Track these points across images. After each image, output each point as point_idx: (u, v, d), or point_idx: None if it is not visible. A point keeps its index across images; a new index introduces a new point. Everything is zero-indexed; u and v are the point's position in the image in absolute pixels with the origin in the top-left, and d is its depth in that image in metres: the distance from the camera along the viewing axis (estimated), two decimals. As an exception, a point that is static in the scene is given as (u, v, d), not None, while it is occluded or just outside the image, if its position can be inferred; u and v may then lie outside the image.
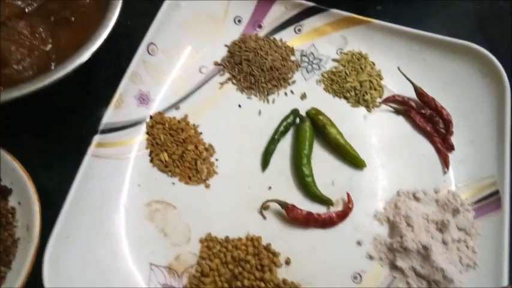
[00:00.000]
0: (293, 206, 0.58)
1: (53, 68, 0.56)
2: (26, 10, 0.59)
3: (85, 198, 0.54)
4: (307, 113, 0.66)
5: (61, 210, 0.51)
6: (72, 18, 0.59)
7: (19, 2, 0.59)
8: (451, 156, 0.65)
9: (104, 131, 0.57)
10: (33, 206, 0.51)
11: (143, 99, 0.63)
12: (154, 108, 0.64)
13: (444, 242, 0.58)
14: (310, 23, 0.72)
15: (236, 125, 0.65)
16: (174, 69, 0.67)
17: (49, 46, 0.57)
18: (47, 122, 0.63)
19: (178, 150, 0.61)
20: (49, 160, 0.59)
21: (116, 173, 0.58)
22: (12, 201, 0.54)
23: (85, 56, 0.53)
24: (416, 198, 0.62)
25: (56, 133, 0.62)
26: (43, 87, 0.50)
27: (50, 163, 0.59)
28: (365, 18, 0.70)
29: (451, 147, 0.66)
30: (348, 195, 0.60)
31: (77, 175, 0.53)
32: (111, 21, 0.56)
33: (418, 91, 0.68)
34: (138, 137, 0.62)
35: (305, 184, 0.60)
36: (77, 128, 0.61)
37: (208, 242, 0.56)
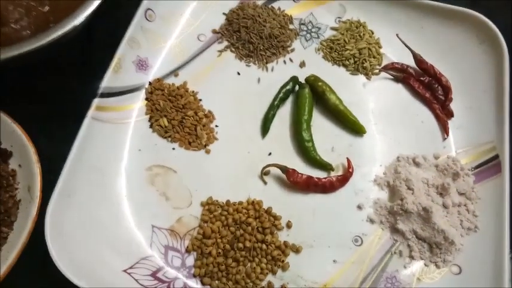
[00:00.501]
0: (293, 170, 0.58)
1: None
2: None
3: (86, 160, 0.53)
4: (307, 79, 0.65)
5: (62, 170, 0.50)
6: None
7: None
8: (450, 123, 0.65)
9: (103, 95, 0.57)
10: (33, 167, 0.51)
11: (141, 65, 0.63)
12: (152, 74, 0.63)
13: (445, 206, 0.58)
14: (309, -9, 0.72)
15: (235, 92, 0.65)
16: (172, 36, 0.66)
17: (46, 8, 0.56)
18: (46, 87, 0.62)
19: (178, 116, 0.60)
20: (49, 124, 0.59)
21: (116, 137, 0.57)
22: (12, 164, 0.54)
23: (82, 16, 0.53)
24: (416, 164, 0.62)
25: (55, 98, 0.62)
26: (41, 46, 0.50)
27: (50, 127, 0.59)
28: (363, -13, 0.70)
29: (450, 114, 0.66)
30: (348, 160, 0.60)
31: (77, 136, 0.53)
32: None
33: (417, 58, 0.68)
34: (138, 103, 0.61)
35: (305, 149, 0.60)
36: (76, 92, 0.60)
37: (210, 206, 0.56)
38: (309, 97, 0.63)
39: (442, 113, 0.66)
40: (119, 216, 0.53)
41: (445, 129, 0.65)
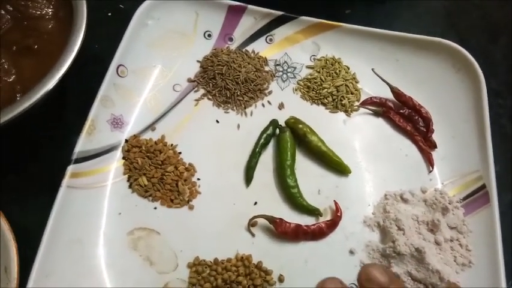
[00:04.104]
0: (281, 220, 0.57)
1: (18, 99, 0.53)
2: None
3: (63, 233, 0.51)
4: (286, 122, 0.64)
5: (38, 249, 0.48)
6: (36, 46, 0.57)
7: None
8: (434, 154, 0.65)
9: (77, 160, 0.54)
10: (8, 246, 0.48)
11: (116, 123, 0.61)
12: (128, 131, 0.62)
13: (437, 243, 0.57)
14: (281, 32, 0.71)
15: (215, 141, 0.63)
16: (146, 89, 0.65)
17: (13, 77, 0.54)
18: (18, 156, 0.60)
19: (158, 173, 0.58)
20: (22, 196, 0.57)
21: (94, 203, 0.55)
22: None
23: (51, 83, 0.51)
24: (404, 200, 0.61)
25: (28, 167, 0.59)
26: (9, 120, 0.48)
27: (24, 199, 0.56)
28: (335, 23, 0.70)
29: (433, 145, 0.65)
30: (336, 203, 0.59)
31: (53, 209, 0.50)
32: (75, 46, 0.54)
33: (395, 91, 0.68)
34: (114, 163, 0.59)
35: (291, 196, 0.59)
36: (49, 160, 0.58)
37: (197, 267, 0.54)
38: (290, 140, 0.62)
39: (425, 144, 0.65)
40: (102, 290, 0.51)
41: (429, 162, 0.64)
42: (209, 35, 0.71)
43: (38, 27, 0.57)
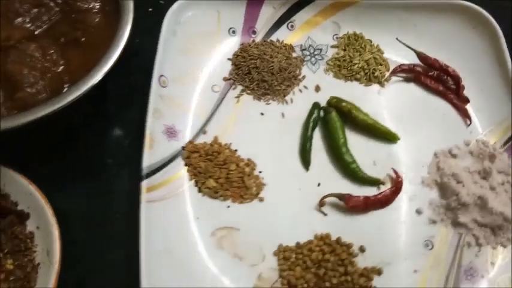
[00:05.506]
0: (349, 195, 0.59)
1: (65, 89, 0.55)
2: (36, 32, 0.58)
3: (153, 246, 0.52)
4: (329, 102, 0.67)
5: (140, 265, 0.49)
6: (83, 39, 0.58)
7: (28, 25, 0.58)
8: (468, 108, 0.68)
9: (148, 175, 0.55)
10: (52, 230, 0.50)
11: (170, 132, 0.62)
12: (183, 138, 0.63)
13: (492, 188, 0.61)
14: (301, 17, 0.73)
15: (265, 132, 0.65)
16: (187, 95, 0.66)
17: (61, 68, 0.55)
18: (60, 145, 0.62)
19: (223, 173, 0.60)
20: (63, 183, 0.59)
21: (172, 213, 0.56)
22: (30, 226, 0.53)
23: (98, 76, 0.52)
24: (453, 155, 0.64)
25: (69, 156, 0.62)
26: (58, 109, 0.49)
27: (64, 186, 0.58)
28: (351, 0, 0.72)
29: (466, 100, 0.69)
30: (395, 170, 0.62)
31: (140, 226, 0.52)
32: (122, 40, 0.55)
33: (421, 56, 0.71)
34: (179, 172, 0.60)
35: (352, 171, 0.62)
36: (89, 149, 0.62)
37: (283, 253, 0.56)
38: (339, 120, 0.64)
39: (459, 101, 0.69)
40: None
41: (466, 116, 0.68)
42: (233, 31, 0.72)
43: (85, 20, 0.58)
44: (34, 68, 0.53)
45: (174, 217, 0.56)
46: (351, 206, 0.59)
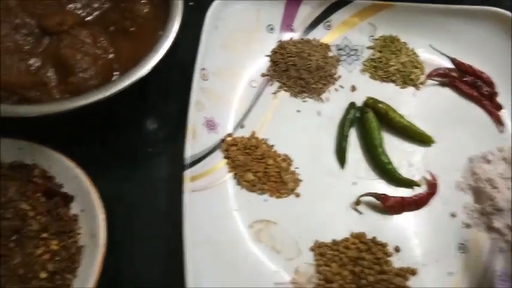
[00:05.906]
0: (386, 195, 0.60)
1: (114, 77, 0.56)
2: (86, 19, 0.59)
3: (196, 237, 0.52)
4: (366, 103, 0.67)
5: (184, 254, 0.50)
6: (132, 29, 0.59)
7: (80, 11, 0.59)
8: (502, 115, 0.69)
9: (191, 164, 0.56)
10: (97, 213, 0.50)
11: (210, 125, 0.62)
12: (222, 131, 0.63)
13: (525, 194, 0.62)
14: (337, 17, 0.74)
15: (301, 129, 0.66)
16: (226, 89, 0.67)
17: (110, 55, 0.56)
18: (104, 132, 0.63)
19: (261, 167, 0.61)
20: (104, 169, 0.59)
21: (215, 203, 0.57)
22: (74, 209, 0.53)
23: (149, 66, 0.53)
24: (487, 161, 0.65)
25: (113, 142, 0.63)
26: (109, 96, 0.50)
27: (105, 172, 0.58)
28: (389, 3, 0.73)
29: (499, 107, 0.70)
30: (431, 173, 0.62)
31: (183, 214, 0.52)
32: (171, 33, 0.56)
33: (455, 61, 0.71)
34: (219, 164, 0.61)
35: (388, 172, 0.62)
36: (131, 136, 0.63)
37: (319, 249, 0.57)
38: (375, 120, 0.65)
39: (492, 107, 0.70)
40: (243, 283, 0.53)
41: (499, 122, 0.68)
42: (271, 29, 0.73)
43: (134, 10, 0.59)
44: (86, 53, 0.54)
45: (215, 207, 0.57)
46: (387, 205, 0.59)
